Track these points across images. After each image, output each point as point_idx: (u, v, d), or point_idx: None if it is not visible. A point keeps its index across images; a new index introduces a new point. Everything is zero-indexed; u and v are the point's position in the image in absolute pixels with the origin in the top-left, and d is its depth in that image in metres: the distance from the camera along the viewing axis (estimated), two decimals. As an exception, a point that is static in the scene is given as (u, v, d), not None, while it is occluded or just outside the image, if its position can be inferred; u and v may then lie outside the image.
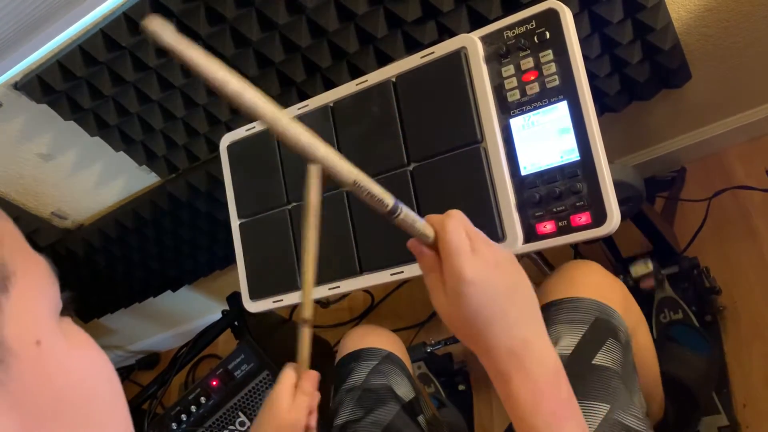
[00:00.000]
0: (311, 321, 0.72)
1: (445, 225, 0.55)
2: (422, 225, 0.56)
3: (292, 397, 0.74)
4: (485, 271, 0.53)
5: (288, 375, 0.75)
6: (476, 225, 0.84)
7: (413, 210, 0.58)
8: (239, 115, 1.24)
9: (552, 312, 0.80)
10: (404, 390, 0.93)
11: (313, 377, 0.75)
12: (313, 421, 0.76)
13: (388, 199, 0.55)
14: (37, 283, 0.34)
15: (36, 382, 0.31)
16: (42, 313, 0.33)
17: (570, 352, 0.75)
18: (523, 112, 0.84)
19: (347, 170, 0.54)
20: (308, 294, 0.70)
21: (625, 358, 0.76)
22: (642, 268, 1.15)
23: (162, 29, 0.40)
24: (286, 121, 0.48)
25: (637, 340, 0.85)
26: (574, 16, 0.84)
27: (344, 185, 0.54)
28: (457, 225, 0.55)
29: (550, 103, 0.82)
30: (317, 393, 0.77)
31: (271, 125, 0.47)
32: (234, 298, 1.52)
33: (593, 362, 0.73)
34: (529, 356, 0.53)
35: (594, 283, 0.83)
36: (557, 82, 0.82)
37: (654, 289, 1.19)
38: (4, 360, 0.30)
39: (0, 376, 0.30)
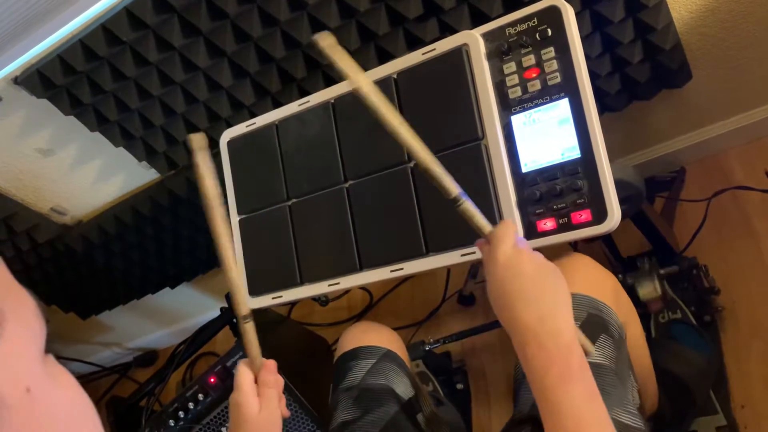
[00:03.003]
0: (250, 315, 0.72)
1: (503, 222, 0.68)
2: (482, 220, 0.69)
3: (257, 395, 0.72)
4: (516, 257, 0.65)
5: (244, 374, 0.73)
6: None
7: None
8: (240, 111, 1.24)
9: None
10: (403, 388, 0.92)
11: (271, 366, 0.74)
12: (284, 407, 0.75)
13: (454, 189, 0.68)
14: (27, 326, 0.34)
15: (26, 429, 0.32)
16: (32, 356, 0.33)
17: None
18: (524, 109, 0.84)
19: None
20: (238, 291, 0.72)
21: (619, 353, 0.77)
22: (650, 291, 1.15)
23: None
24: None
25: (629, 334, 0.85)
26: (576, 15, 0.84)
27: (445, 195, 0.69)
28: (510, 224, 0.68)
29: (552, 100, 0.82)
30: (279, 378, 0.75)
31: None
32: (233, 296, 1.51)
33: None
34: (543, 330, 0.62)
35: (585, 278, 0.84)
36: (559, 80, 0.82)
37: (663, 310, 1.18)
38: None
39: None
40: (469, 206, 0.69)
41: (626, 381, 0.76)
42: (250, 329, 0.74)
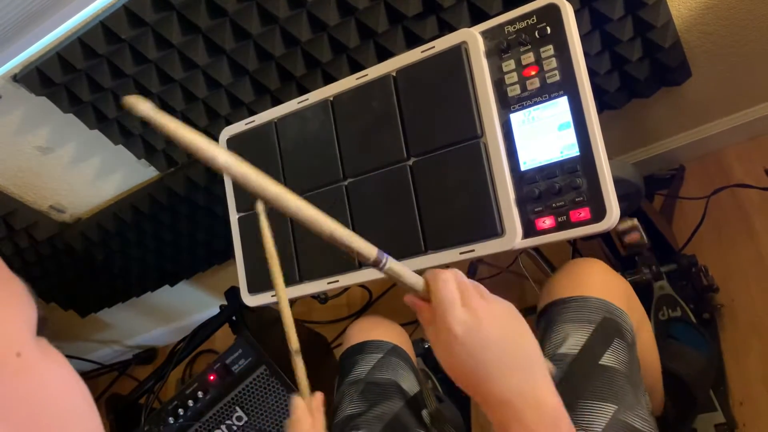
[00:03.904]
0: (299, 350, 0.74)
1: (436, 278, 0.58)
2: (412, 277, 0.59)
3: (311, 418, 0.76)
4: (475, 325, 0.55)
5: (298, 402, 0.77)
6: (475, 220, 0.85)
7: (393, 263, 0.60)
8: (239, 109, 1.24)
9: (559, 310, 0.80)
10: (409, 384, 0.92)
11: (320, 398, 0.77)
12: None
13: (371, 252, 0.57)
14: (14, 300, 0.35)
15: (17, 393, 0.32)
16: (20, 327, 0.34)
17: (577, 351, 0.74)
18: (523, 107, 0.84)
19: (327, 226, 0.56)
20: (291, 327, 0.72)
21: (631, 357, 0.76)
22: (629, 225, 1.12)
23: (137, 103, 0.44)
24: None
25: (641, 339, 0.85)
26: (575, 13, 0.83)
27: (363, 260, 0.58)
28: (447, 278, 0.58)
29: (551, 98, 0.82)
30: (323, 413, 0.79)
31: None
32: (232, 293, 1.51)
33: (600, 362, 0.73)
34: (524, 406, 0.53)
35: (600, 282, 0.83)
36: (558, 78, 0.82)
37: (640, 246, 1.17)
38: None
39: None
40: (393, 265, 0.59)
41: (638, 385, 0.75)
42: (299, 363, 0.77)
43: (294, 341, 0.75)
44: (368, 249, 0.57)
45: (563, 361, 0.74)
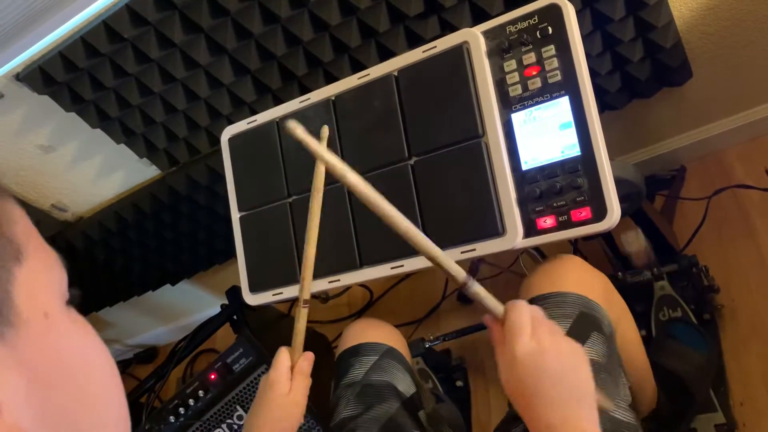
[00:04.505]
0: (308, 302, 0.76)
1: (514, 305, 0.64)
2: (492, 301, 0.65)
3: (290, 379, 0.78)
4: (537, 355, 0.60)
5: (284, 358, 0.78)
6: (476, 220, 0.85)
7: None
8: (240, 108, 1.24)
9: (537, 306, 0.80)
10: (405, 385, 0.92)
11: (310, 357, 0.78)
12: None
13: (461, 274, 0.63)
14: (47, 266, 0.36)
15: (42, 350, 0.33)
16: (50, 291, 0.36)
17: None
18: (524, 107, 0.84)
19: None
20: (309, 275, 0.75)
21: (610, 350, 0.77)
22: (633, 241, 1.14)
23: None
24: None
25: (622, 333, 0.86)
26: (576, 13, 0.84)
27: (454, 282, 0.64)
28: (523, 309, 0.63)
29: (552, 98, 0.82)
30: (310, 377, 0.81)
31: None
32: (233, 293, 1.51)
33: None
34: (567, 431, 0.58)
35: (577, 278, 0.84)
36: (559, 78, 0.82)
37: (649, 269, 1.18)
38: (14, 324, 0.32)
39: (11, 336, 0.31)
40: (478, 289, 0.64)
41: (618, 378, 0.76)
42: (303, 315, 0.78)
43: (306, 292, 0.79)
44: (458, 272, 0.63)
45: None
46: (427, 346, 1.36)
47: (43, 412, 0.33)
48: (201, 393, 1.35)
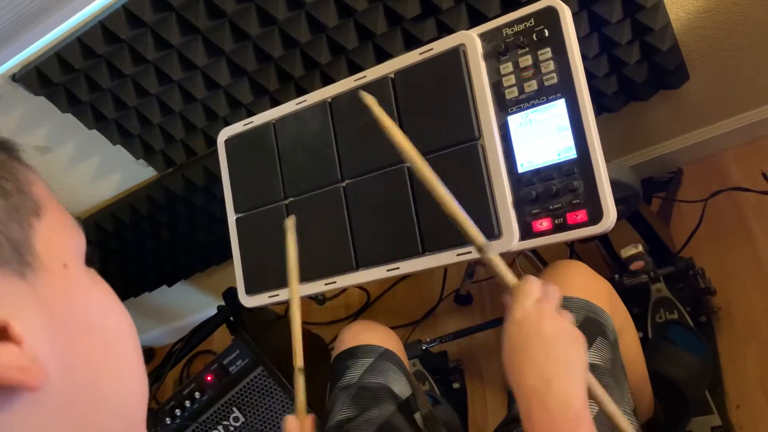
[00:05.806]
0: (303, 369, 0.77)
1: (528, 278, 0.64)
2: (506, 271, 0.65)
3: None
4: (535, 317, 0.60)
5: (291, 423, 0.77)
6: (472, 222, 0.85)
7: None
8: (237, 110, 1.24)
9: None
10: (400, 388, 0.92)
11: (313, 421, 0.78)
12: None
13: (479, 239, 0.64)
14: (65, 224, 0.37)
15: (62, 296, 0.34)
16: (69, 246, 0.36)
17: None
18: (521, 110, 0.84)
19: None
20: (299, 343, 0.75)
21: (614, 356, 0.77)
22: (630, 249, 1.14)
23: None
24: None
25: (624, 340, 0.85)
26: (573, 16, 0.84)
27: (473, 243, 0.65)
28: (536, 281, 0.64)
29: (548, 101, 0.82)
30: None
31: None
32: (230, 294, 1.51)
33: None
34: (550, 395, 0.57)
35: (582, 283, 0.84)
36: (555, 80, 0.82)
37: (647, 274, 1.18)
38: (34, 266, 0.32)
39: (31, 278, 0.32)
40: (495, 258, 0.64)
41: (622, 383, 0.76)
42: (300, 380, 0.78)
43: (299, 359, 0.78)
44: (478, 236, 0.64)
45: None
46: (423, 348, 1.36)
47: (63, 355, 0.33)
48: (197, 395, 1.34)
